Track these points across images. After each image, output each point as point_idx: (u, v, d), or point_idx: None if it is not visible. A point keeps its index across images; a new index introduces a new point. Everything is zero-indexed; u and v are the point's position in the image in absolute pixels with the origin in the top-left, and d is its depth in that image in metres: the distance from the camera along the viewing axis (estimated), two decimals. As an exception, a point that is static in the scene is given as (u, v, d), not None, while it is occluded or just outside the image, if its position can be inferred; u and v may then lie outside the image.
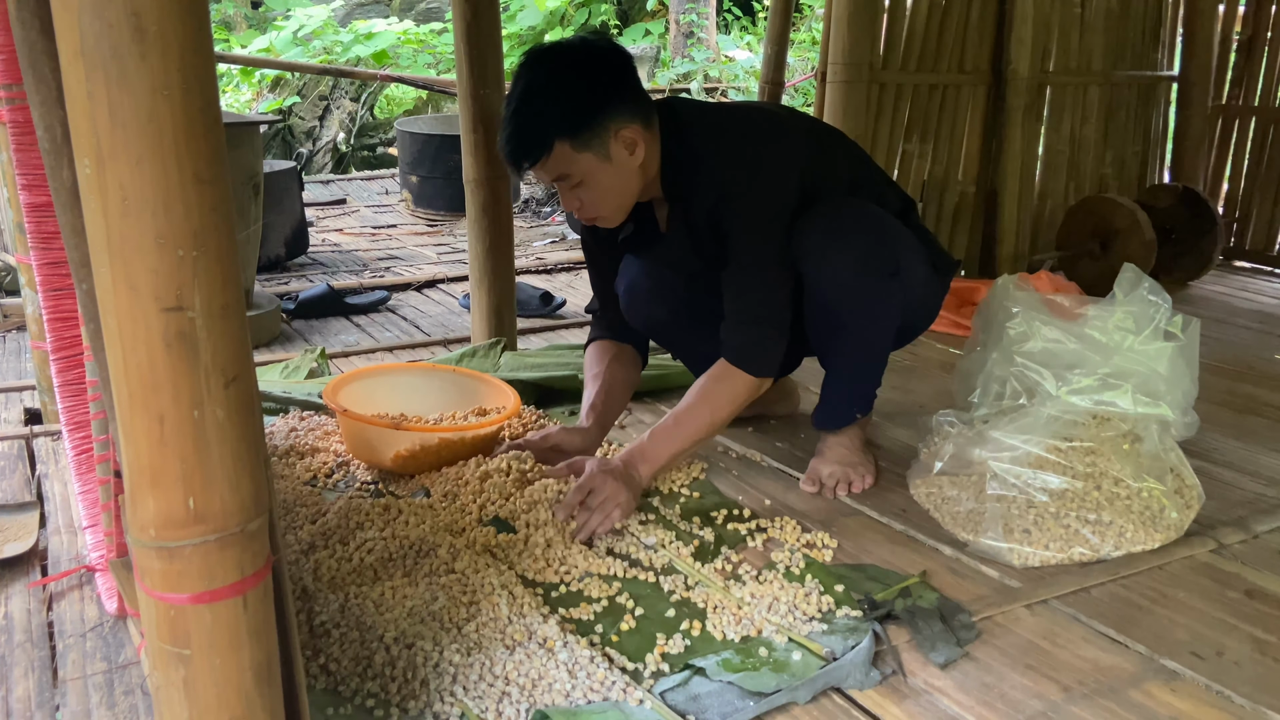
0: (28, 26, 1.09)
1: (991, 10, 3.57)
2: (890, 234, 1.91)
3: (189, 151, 0.78)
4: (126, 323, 0.80)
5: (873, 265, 1.86)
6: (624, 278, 2.13)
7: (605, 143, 1.77)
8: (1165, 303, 1.89)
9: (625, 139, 1.79)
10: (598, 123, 1.75)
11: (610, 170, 1.79)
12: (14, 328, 3.19)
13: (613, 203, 1.85)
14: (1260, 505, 1.96)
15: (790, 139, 1.91)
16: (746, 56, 9.73)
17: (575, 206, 1.85)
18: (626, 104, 1.79)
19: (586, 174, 1.78)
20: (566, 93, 1.74)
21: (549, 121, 1.73)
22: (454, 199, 5.36)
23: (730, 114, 1.96)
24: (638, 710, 1.30)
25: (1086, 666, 1.44)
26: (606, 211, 1.86)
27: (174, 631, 0.86)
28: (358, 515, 1.76)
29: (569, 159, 1.76)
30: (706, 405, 1.88)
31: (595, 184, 1.80)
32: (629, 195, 1.86)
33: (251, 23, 10.29)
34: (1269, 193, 4.06)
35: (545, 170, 1.78)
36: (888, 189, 2.08)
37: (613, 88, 1.79)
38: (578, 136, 1.74)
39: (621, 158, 1.79)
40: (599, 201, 1.83)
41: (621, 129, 1.78)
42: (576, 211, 1.87)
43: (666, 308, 2.11)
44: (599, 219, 1.88)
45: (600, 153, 1.77)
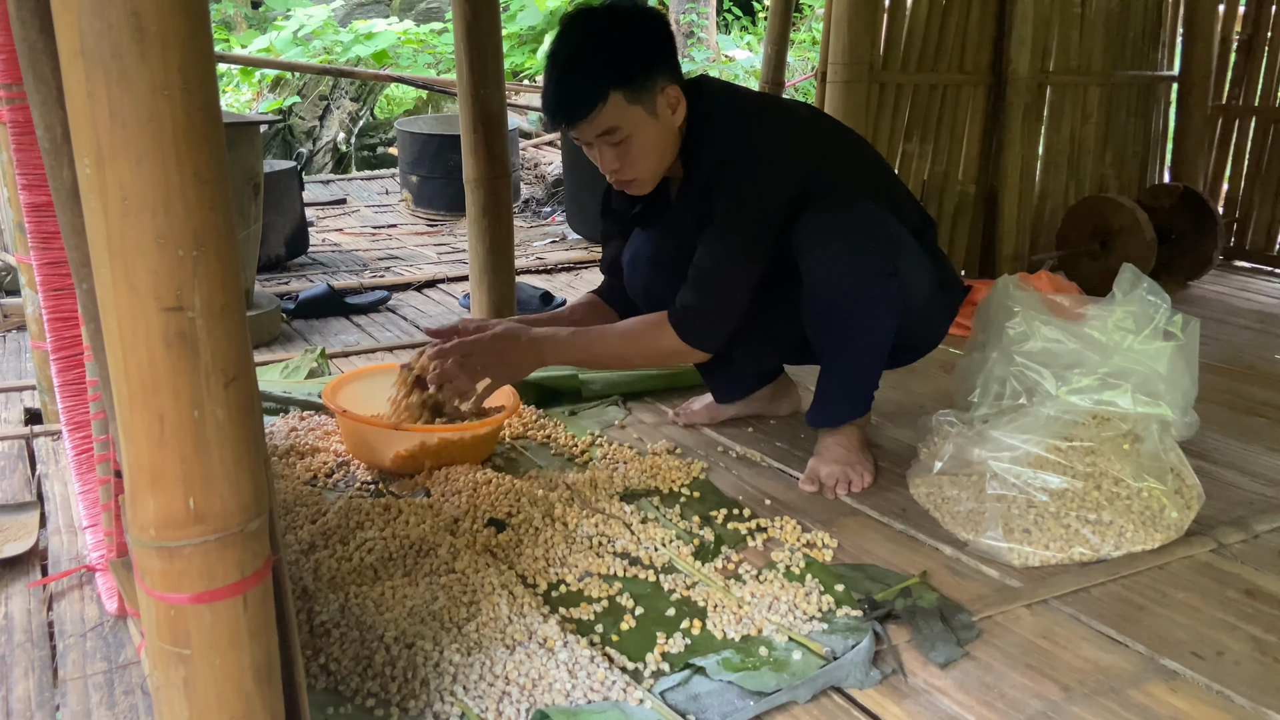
0: (28, 26, 1.09)
1: (991, 10, 3.57)
2: (890, 234, 1.90)
3: (189, 151, 0.78)
4: (126, 323, 0.80)
5: (870, 262, 1.86)
6: (630, 249, 2.16)
7: (654, 97, 1.81)
8: (1165, 302, 1.89)
9: (670, 96, 1.83)
10: (648, 77, 1.80)
11: (656, 127, 1.83)
12: (14, 328, 3.19)
13: (652, 163, 1.87)
14: (1260, 505, 1.96)
15: (804, 134, 1.93)
16: (746, 56, 9.73)
17: (614, 168, 1.86)
18: (671, 64, 1.85)
19: (634, 128, 1.81)
20: (620, 44, 1.79)
21: (605, 71, 1.76)
22: (454, 199, 5.36)
23: (755, 98, 1.99)
24: (638, 710, 1.30)
25: (1086, 666, 1.44)
26: (644, 172, 1.88)
27: (174, 631, 0.86)
28: (358, 515, 1.76)
29: (621, 111, 1.79)
30: (628, 341, 1.91)
31: (640, 140, 1.83)
32: (667, 157, 1.89)
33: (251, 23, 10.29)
34: (1269, 193, 4.06)
35: (594, 124, 1.79)
36: (906, 204, 2.07)
37: (660, 45, 1.84)
38: (630, 88, 1.78)
39: (665, 115, 1.84)
40: (640, 159, 1.85)
41: (666, 86, 1.83)
42: (614, 173, 1.88)
43: (662, 279, 2.10)
44: (635, 181, 1.89)
45: (649, 107, 1.81)
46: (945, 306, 2.07)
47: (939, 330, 2.10)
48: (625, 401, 2.48)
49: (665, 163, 1.90)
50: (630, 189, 1.93)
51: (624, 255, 2.16)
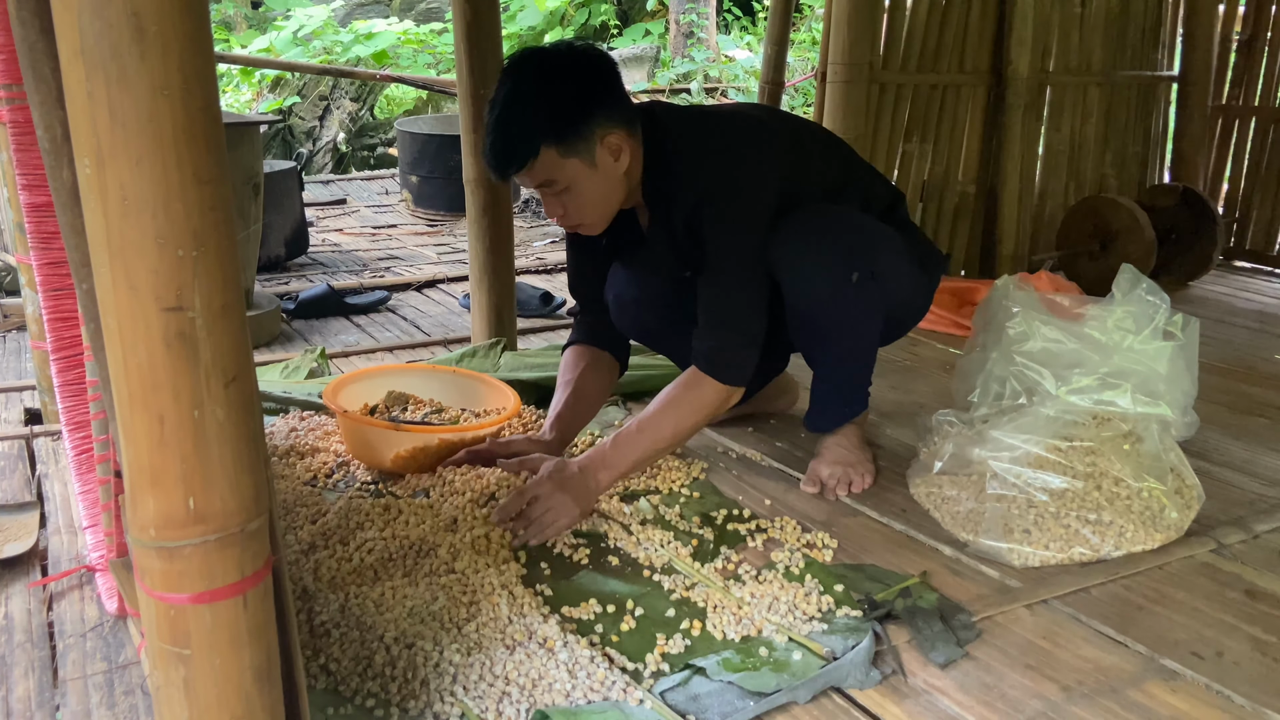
0: (28, 26, 1.09)
1: (991, 10, 3.57)
2: (866, 236, 1.89)
3: (189, 151, 0.78)
4: (126, 323, 0.80)
5: (848, 271, 1.84)
6: (612, 287, 2.11)
7: (591, 149, 1.74)
8: (1164, 302, 1.89)
9: (611, 145, 1.77)
10: (584, 128, 1.73)
11: (596, 177, 1.77)
12: (14, 328, 3.19)
13: (597, 210, 1.82)
14: (1260, 505, 1.96)
15: (769, 145, 1.89)
16: (746, 56, 9.73)
17: (559, 214, 1.82)
18: (612, 110, 1.77)
19: (572, 181, 1.75)
20: (553, 98, 1.72)
21: (535, 127, 1.70)
22: (454, 199, 5.36)
23: (710, 119, 1.92)
24: (638, 710, 1.30)
25: (1086, 666, 1.44)
26: (590, 219, 1.83)
27: (174, 631, 0.86)
28: (358, 515, 1.76)
29: (555, 165, 1.73)
30: (673, 413, 1.84)
31: (580, 191, 1.77)
32: (613, 203, 1.84)
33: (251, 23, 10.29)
34: (1269, 193, 4.06)
35: (530, 176, 1.75)
36: (873, 183, 2.06)
37: (599, 93, 1.76)
38: (564, 142, 1.71)
39: (607, 164, 1.77)
40: (583, 209, 1.80)
41: (608, 135, 1.76)
42: (559, 219, 1.84)
43: (655, 315, 2.10)
44: (582, 226, 1.85)
45: (586, 159, 1.75)
46: (927, 282, 2.08)
47: (923, 306, 2.11)
48: (625, 401, 2.48)
49: (613, 208, 1.85)
50: (580, 231, 1.88)
51: (607, 294, 2.12)
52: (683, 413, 1.84)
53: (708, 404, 1.84)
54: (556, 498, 1.75)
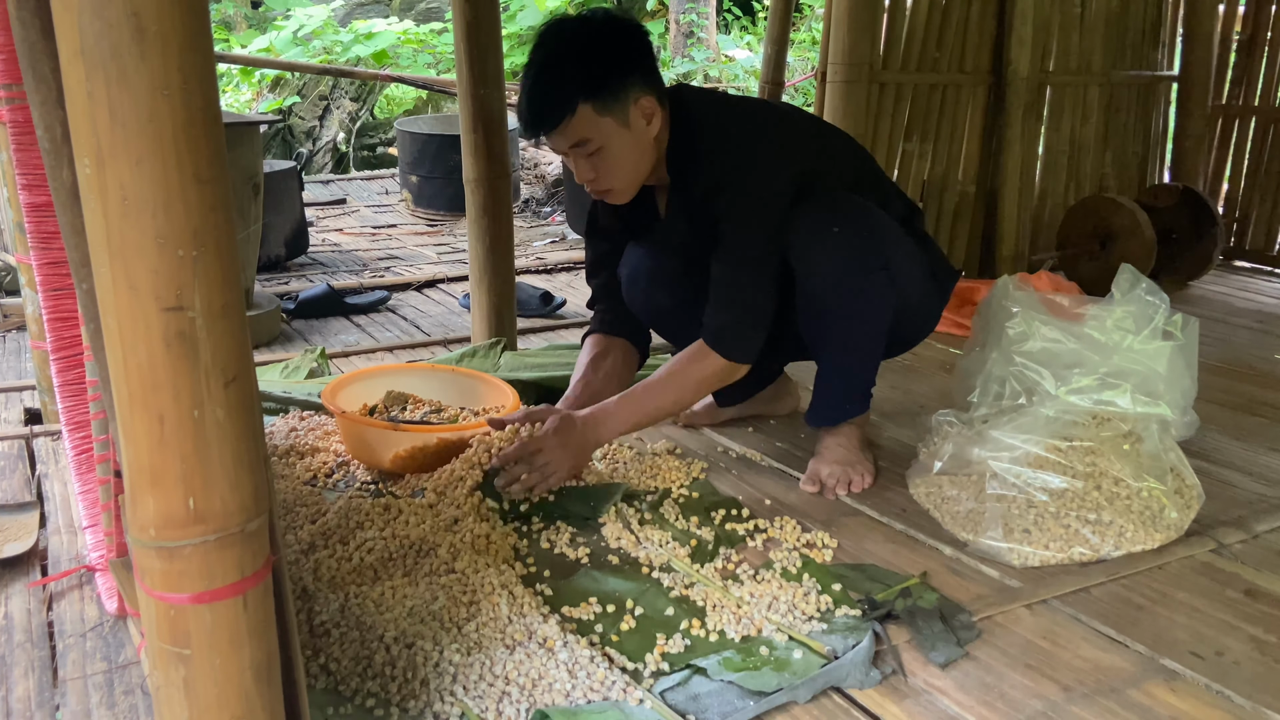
0: (28, 26, 1.09)
1: (991, 10, 3.57)
2: (879, 229, 1.91)
3: (189, 151, 0.78)
4: (126, 323, 0.80)
5: (859, 258, 1.86)
6: (626, 265, 2.14)
7: (625, 109, 1.79)
8: (1163, 302, 1.89)
9: (644, 108, 1.82)
10: (620, 88, 1.78)
11: (629, 138, 1.82)
12: (14, 328, 3.19)
13: (627, 174, 1.86)
14: (1260, 505, 1.96)
15: (792, 135, 1.93)
16: (746, 56, 9.73)
17: (589, 177, 1.85)
18: (647, 76, 1.82)
19: (606, 140, 1.80)
20: (590, 56, 1.77)
21: (573, 83, 1.75)
22: (454, 199, 5.36)
23: (736, 104, 1.98)
24: (638, 710, 1.30)
25: (1086, 666, 1.44)
26: (620, 183, 1.87)
27: (174, 631, 0.86)
28: (358, 515, 1.75)
29: (591, 122, 1.77)
30: (675, 382, 1.89)
31: (613, 151, 1.81)
32: (643, 168, 1.88)
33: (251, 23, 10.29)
34: (1269, 193, 4.06)
35: (565, 135, 1.79)
36: (891, 194, 2.08)
37: (635, 57, 1.82)
38: (600, 99, 1.76)
39: (639, 126, 1.82)
40: (614, 170, 1.84)
41: (640, 97, 1.81)
42: (589, 183, 1.87)
43: (667, 293, 2.11)
44: (611, 191, 1.88)
45: (620, 118, 1.79)
46: (938, 293, 2.08)
47: (932, 318, 2.11)
48: (625, 401, 2.48)
49: (642, 173, 1.89)
50: (608, 198, 1.92)
51: (620, 270, 2.14)
52: (685, 383, 1.89)
53: (710, 377, 1.89)
54: (559, 454, 1.81)
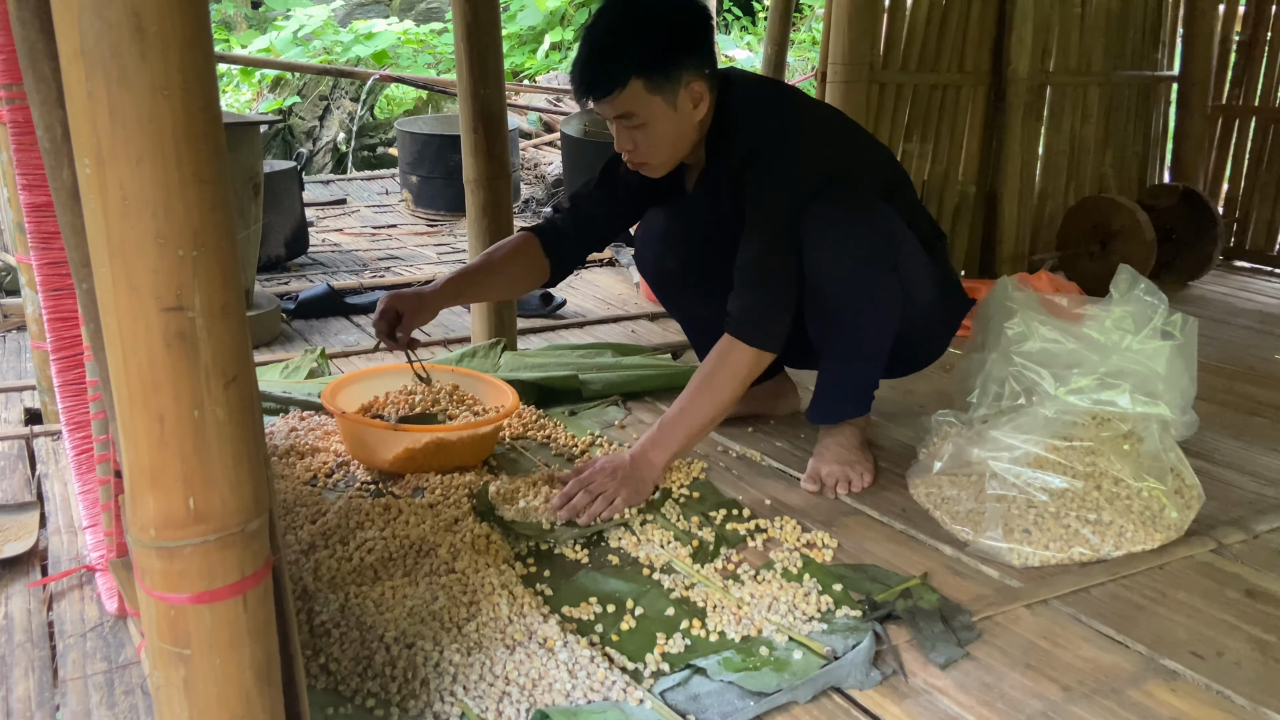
0: (28, 26, 1.09)
1: (991, 10, 3.57)
2: (893, 231, 1.91)
3: (189, 151, 0.78)
4: (126, 323, 0.80)
5: (870, 255, 1.87)
6: (643, 225, 2.20)
7: (675, 90, 1.82)
8: (1162, 302, 1.89)
9: (694, 91, 1.84)
10: (673, 70, 1.80)
11: (674, 119, 1.84)
12: (14, 328, 3.18)
13: (666, 152, 1.88)
14: (1260, 505, 1.96)
15: (832, 131, 1.97)
16: (746, 56, 9.72)
17: (629, 149, 1.88)
18: (702, 60, 1.85)
19: (651, 117, 1.82)
20: (650, 33, 1.79)
21: (629, 56, 1.77)
22: (454, 199, 5.36)
23: (784, 94, 2.00)
24: (638, 710, 1.30)
25: (1086, 666, 1.44)
26: (658, 160, 1.90)
27: (174, 631, 0.86)
28: (358, 515, 1.76)
29: (639, 98, 1.80)
30: (709, 387, 1.88)
31: (656, 129, 1.84)
32: (682, 148, 1.90)
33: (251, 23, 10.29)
34: (1269, 193, 4.06)
35: (612, 105, 1.81)
36: (919, 216, 2.07)
37: (692, 39, 1.84)
38: (653, 78, 1.79)
39: (686, 109, 1.85)
40: (654, 147, 1.86)
41: (692, 81, 1.83)
42: (628, 154, 1.89)
43: (676, 259, 2.17)
44: (648, 166, 1.91)
45: (669, 99, 1.82)
46: (947, 317, 2.08)
47: (939, 342, 2.11)
48: (625, 401, 2.48)
49: (680, 154, 1.92)
50: (643, 170, 1.94)
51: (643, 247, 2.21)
52: (720, 384, 1.88)
53: (740, 370, 1.87)
54: (611, 482, 1.82)
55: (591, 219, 2.16)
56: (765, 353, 1.87)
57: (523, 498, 1.88)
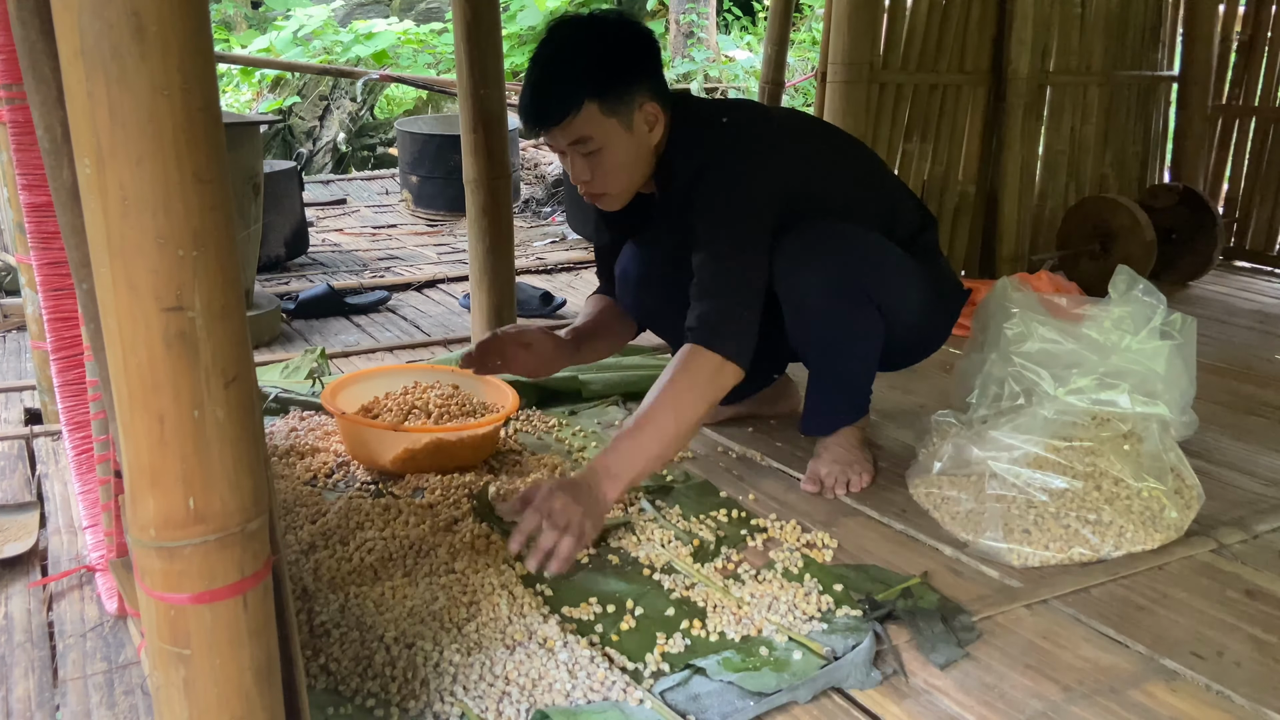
0: (28, 26, 1.09)
1: (991, 10, 3.57)
2: (868, 258, 1.86)
3: (189, 151, 0.78)
4: (126, 323, 0.80)
5: (843, 291, 1.83)
6: (619, 265, 2.14)
7: (630, 112, 1.78)
8: (1161, 302, 1.89)
9: (648, 113, 1.80)
10: (627, 91, 1.76)
11: (629, 142, 1.79)
12: (14, 328, 3.18)
13: (623, 179, 1.83)
14: (1260, 505, 1.96)
15: (788, 149, 1.88)
16: (746, 56, 9.73)
17: (585, 178, 1.82)
18: (653, 81, 1.81)
19: (606, 141, 1.77)
20: (601, 54, 1.76)
21: (582, 79, 1.73)
22: (454, 199, 5.36)
23: (736, 110, 1.94)
24: (638, 710, 1.30)
25: (1086, 666, 1.44)
26: (615, 188, 1.84)
27: (174, 631, 0.86)
28: (358, 515, 1.76)
29: (594, 122, 1.75)
30: (670, 398, 1.68)
31: (612, 154, 1.79)
32: (638, 175, 1.85)
33: (251, 23, 10.29)
34: (1269, 193, 4.06)
35: (566, 131, 1.76)
36: (903, 204, 2.04)
37: (643, 60, 1.80)
38: (606, 100, 1.74)
39: (641, 132, 1.80)
40: (610, 174, 1.81)
41: (645, 102, 1.79)
42: (584, 185, 1.84)
43: (653, 295, 2.10)
44: (605, 197, 1.86)
45: (624, 121, 1.77)
46: (944, 312, 2.06)
47: (938, 336, 2.09)
48: (625, 401, 2.48)
49: (637, 181, 1.86)
50: (600, 203, 1.88)
51: (616, 269, 2.14)
52: (681, 395, 1.68)
53: (704, 379, 1.69)
54: (571, 511, 1.58)
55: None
56: (730, 362, 1.70)
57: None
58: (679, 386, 1.69)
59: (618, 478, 1.65)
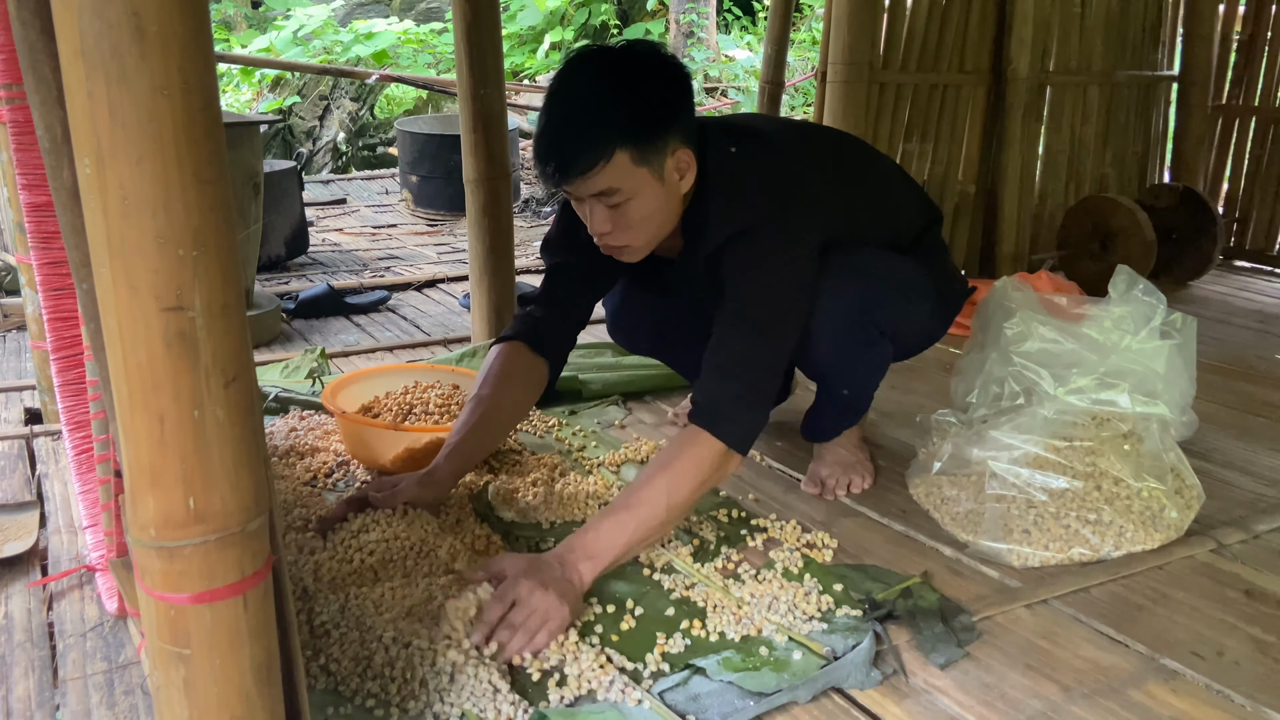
0: (28, 26, 1.09)
1: (991, 10, 3.57)
2: (881, 291, 1.79)
3: (189, 151, 0.78)
4: (126, 323, 0.80)
5: (856, 330, 1.79)
6: (611, 299, 2.10)
7: (663, 161, 1.58)
8: (1160, 302, 1.89)
9: (681, 161, 1.61)
10: (661, 139, 1.57)
11: (660, 193, 1.60)
12: (14, 328, 3.18)
13: (650, 231, 1.64)
14: (1260, 505, 1.96)
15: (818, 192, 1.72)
16: (746, 56, 9.73)
17: (604, 230, 1.61)
18: (686, 123, 1.62)
19: (636, 192, 1.57)
20: (634, 96, 1.55)
21: (614, 125, 1.52)
22: (454, 199, 5.36)
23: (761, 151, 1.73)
24: (636, 710, 1.30)
25: (1086, 666, 1.44)
26: (639, 240, 1.64)
27: (174, 631, 0.86)
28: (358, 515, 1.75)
29: (625, 172, 1.54)
30: (664, 480, 1.54)
31: (641, 205, 1.59)
32: (666, 226, 1.66)
33: (251, 23, 10.29)
34: (1269, 193, 4.06)
35: (592, 182, 1.54)
36: (909, 204, 2.00)
37: (678, 101, 1.61)
38: (640, 148, 1.54)
39: (673, 181, 1.61)
40: (636, 226, 1.61)
41: (678, 149, 1.60)
42: (602, 237, 1.63)
43: (647, 335, 2.09)
44: (626, 250, 1.66)
45: (656, 170, 1.58)
46: (946, 307, 2.05)
47: (939, 330, 2.09)
48: (625, 401, 2.48)
49: (664, 232, 1.66)
50: (619, 255, 1.68)
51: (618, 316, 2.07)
52: (677, 479, 1.55)
53: (704, 465, 1.56)
54: (538, 598, 1.43)
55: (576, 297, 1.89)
56: (733, 452, 1.58)
57: (522, 498, 1.88)
58: (676, 470, 1.56)
59: (596, 559, 1.51)
